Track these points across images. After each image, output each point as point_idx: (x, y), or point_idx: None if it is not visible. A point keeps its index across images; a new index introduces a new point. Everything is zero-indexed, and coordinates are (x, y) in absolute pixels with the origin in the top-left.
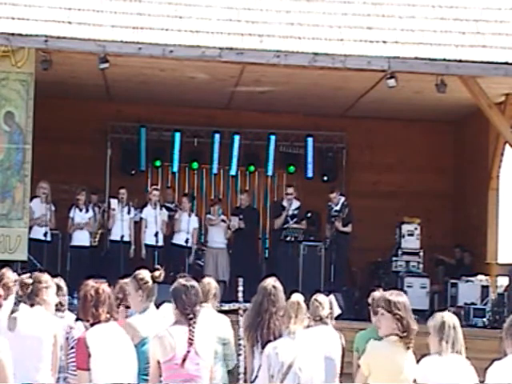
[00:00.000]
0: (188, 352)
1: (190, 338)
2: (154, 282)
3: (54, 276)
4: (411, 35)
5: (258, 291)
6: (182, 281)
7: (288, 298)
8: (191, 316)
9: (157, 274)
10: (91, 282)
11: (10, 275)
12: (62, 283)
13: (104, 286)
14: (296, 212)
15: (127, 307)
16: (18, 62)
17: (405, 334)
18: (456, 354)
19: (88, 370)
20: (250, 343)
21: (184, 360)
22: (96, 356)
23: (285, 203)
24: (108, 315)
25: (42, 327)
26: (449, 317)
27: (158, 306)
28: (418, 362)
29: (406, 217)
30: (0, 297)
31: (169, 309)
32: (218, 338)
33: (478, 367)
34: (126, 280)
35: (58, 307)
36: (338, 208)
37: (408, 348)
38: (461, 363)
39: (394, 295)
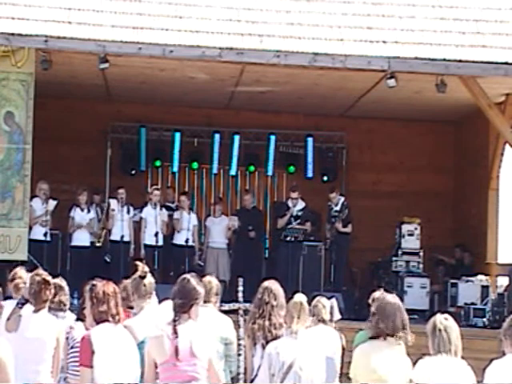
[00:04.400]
0: (176, 352)
1: (174, 336)
2: (141, 278)
3: (54, 276)
4: (411, 35)
5: (259, 290)
6: (179, 280)
7: (290, 298)
8: (175, 315)
9: (141, 269)
10: (102, 281)
11: (22, 275)
12: (64, 283)
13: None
14: (300, 213)
15: (130, 307)
16: (18, 62)
17: (373, 330)
18: (450, 355)
19: (91, 367)
20: (251, 337)
21: (177, 357)
22: (99, 354)
23: (289, 203)
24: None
25: (46, 330)
26: (440, 319)
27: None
28: (415, 362)
29: (405, 217)
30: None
31: (169, 306)
32: (221, 338)
33: (477, 367)
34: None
35: (61, 307)
36: (337, 208)
37: (387, 345)
38: (456, 364)
39: (377, 293)
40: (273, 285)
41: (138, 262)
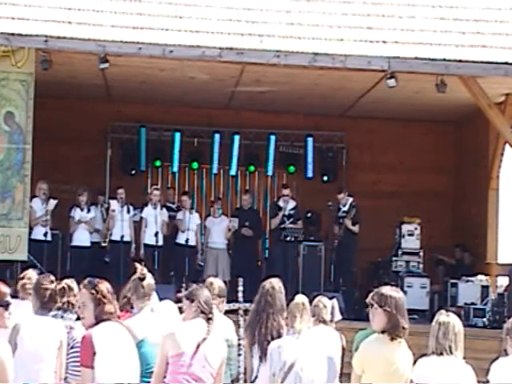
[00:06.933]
0: (196, 350)
1: (204, 338)
2: (141, 279)
3: (64, 277)
4: (411, 35)
5: (259, 291)
6: (202, 295)
7: (291, 299)
8: (211, 316)
9: (140, 271)
10: (99, 280)
11: (32, 276)
12: (74, 284)
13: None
14: (292, 212)
15: (132, 307)
16: (18, 62)
17: (393, 331)
18: (453, 355)
19: (92, 367)
20: (248, 342)
21: (193, 356)
22: (101, 355)
23: (281, 203)
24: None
25: (48, 330)
26: (448, 318)
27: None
28: (415, 362)
29: (405, 217)
30: (5, 295)
31: (169, 306)
32: (223, 339)
33: (477, 367)
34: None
35: (69, 308)
36: (345, 209)
37: (400, 343)
38: (458, 364)
39: (388, 290)
40: (271, 287)
41: (136, 264)
